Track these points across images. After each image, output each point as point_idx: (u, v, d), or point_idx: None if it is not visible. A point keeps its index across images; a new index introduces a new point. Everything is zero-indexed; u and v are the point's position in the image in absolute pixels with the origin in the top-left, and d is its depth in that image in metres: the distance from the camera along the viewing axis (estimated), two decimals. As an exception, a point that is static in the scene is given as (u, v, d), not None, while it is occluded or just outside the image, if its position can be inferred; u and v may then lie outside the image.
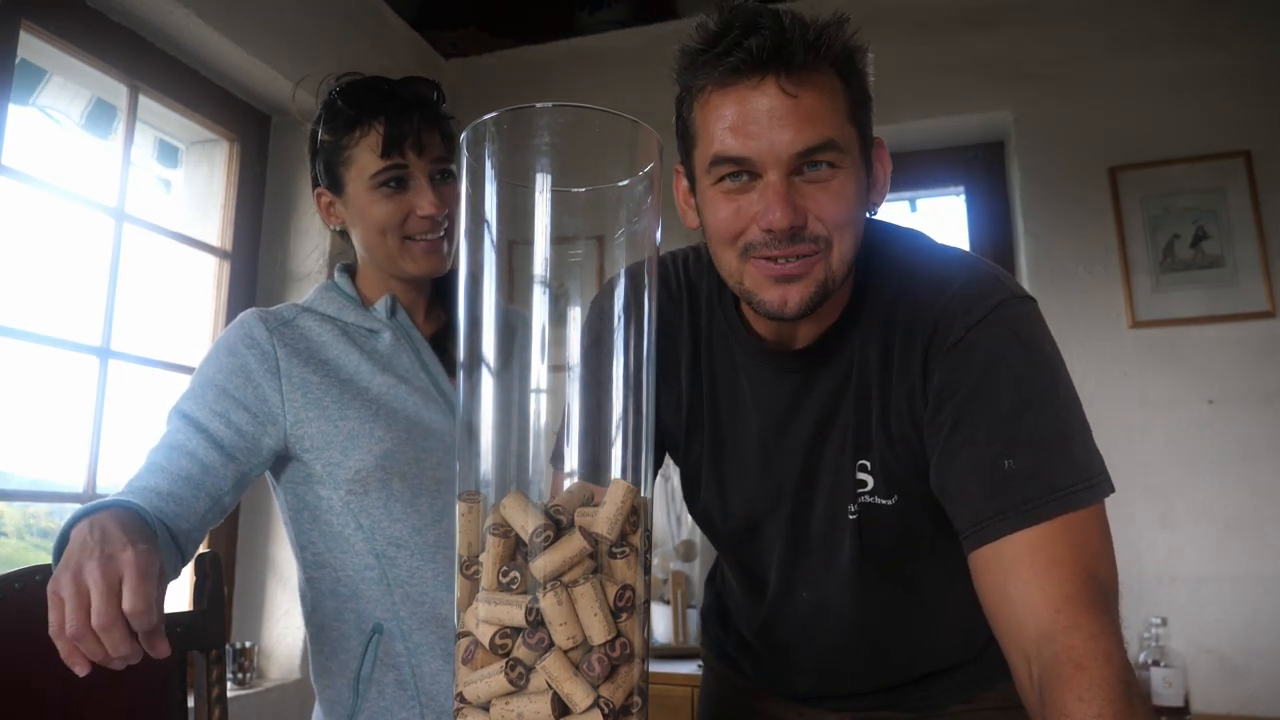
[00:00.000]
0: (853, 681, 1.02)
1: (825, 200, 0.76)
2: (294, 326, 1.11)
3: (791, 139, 0.74)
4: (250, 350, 1.06)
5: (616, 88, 2.84)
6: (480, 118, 0.55)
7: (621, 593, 0.52)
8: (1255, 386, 2.21)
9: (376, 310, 1.15)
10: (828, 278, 0.79)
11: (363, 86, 1.12)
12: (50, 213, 1.91)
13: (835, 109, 0.76)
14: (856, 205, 0.78)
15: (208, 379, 1.06)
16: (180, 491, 0.96)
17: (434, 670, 1.05)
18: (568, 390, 0.56)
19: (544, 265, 0.53)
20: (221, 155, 2.34)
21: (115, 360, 1.95)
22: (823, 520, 0.90)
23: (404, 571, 1.06)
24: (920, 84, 2.53)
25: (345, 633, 1.08)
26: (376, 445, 1.05)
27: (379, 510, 1.06)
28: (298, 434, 1.06)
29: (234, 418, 1.03)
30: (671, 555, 2.55)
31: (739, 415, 0.93)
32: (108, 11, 1.94)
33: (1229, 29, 2.35)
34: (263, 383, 1.05)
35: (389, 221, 1.09)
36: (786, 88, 0.74)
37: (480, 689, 0.51)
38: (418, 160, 1.09)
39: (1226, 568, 2.16)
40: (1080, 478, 0.75)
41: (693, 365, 0.95)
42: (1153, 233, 2.34)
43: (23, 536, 2.03)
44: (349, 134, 1.09)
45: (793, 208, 0.75)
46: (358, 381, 1.09)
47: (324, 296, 1.16)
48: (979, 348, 0.79)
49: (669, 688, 2.16)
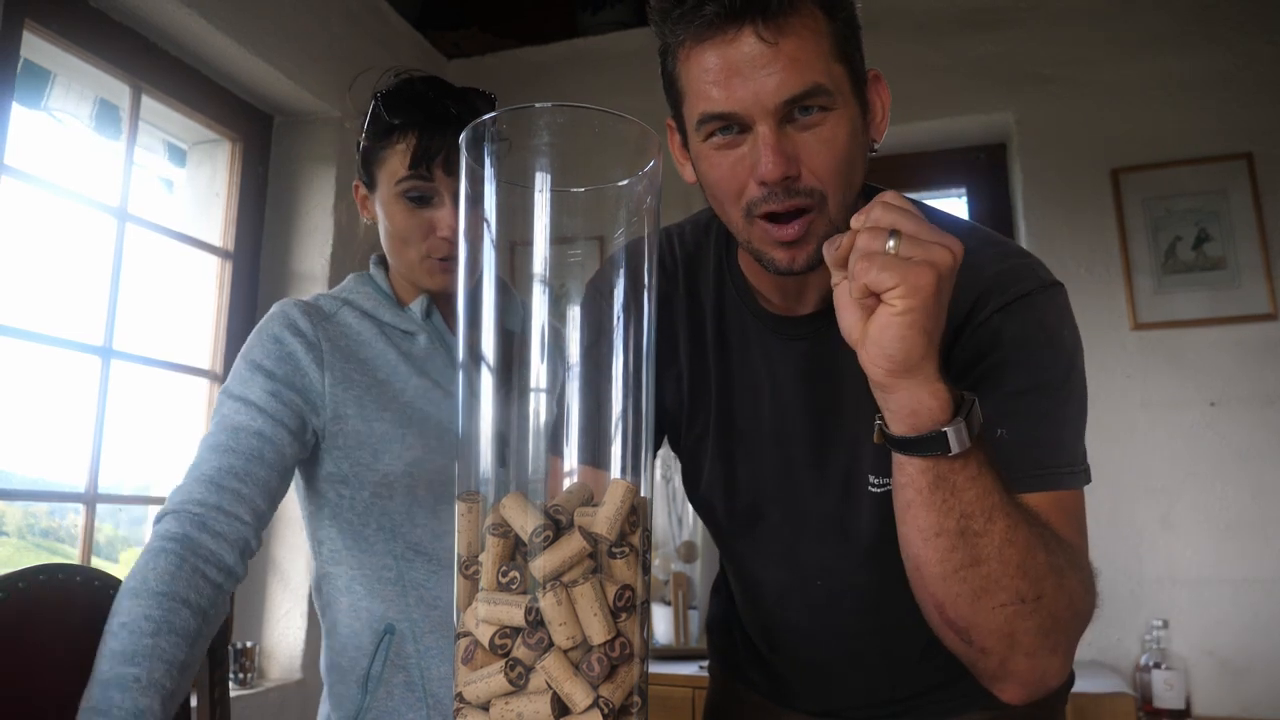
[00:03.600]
0: (866, 687, 0.97)
1: (818, 147, 0.74)
2: (335, 321, 1.10)
3: (776, 88, 0.71)
4: (297, 339, 1.05)
5: (619, 88, 2.84)
6: (480, 118, 0.55)
7: (621, 593, 0.52)
8: (1257, 389, 2.21)
9: (412, 311, 1.14)
10: (829, 231, 0.76)
11: (406, 95, 1.09)
12: (53, 213, 1.92)
13: (819, 49, 0.73)
14: (851, 147, 0.76)
15: (254, 365, 1.04)
16: (253, 470, 0.97)
17: (443, 674, 1.05)
18: (567, 379, 0.56)
19: (544, 265, 0.53)
20: (224, 155, 2.34)
21: (117, 360, 1.95)
22: (837, 498, 0.88)
23: (421, 575, 1.06)
24: (922, 85, 2.53)
25: (357, 630, 1.07)
26: (407, 451, 1.05)
27: (401, 515, 1.06)
28: (334, 430, 1.05)
29: (285, 397, 1.02)
30: (673, 556, 2.55)
31: (749, 387, 0.91)
32: (110, 11, 1.94)
33: (1231, 31, 2.35)
34: (309, 370, 1.04)
35: (410, 234, 1.08)
36: (765, 35, 0.71)
37: (480, 689, 0.51)
38: (445, 179, 1.07)
39: (1228, 570, 2.16)
40: (1066, 461, 0.76)
41: (694, 339, 0.93)
42: (1154, 234, 2.34)
43: (24, 536, 2.04)
44: (386, 138, 1.08)
45: (785, 158, 0.73)
46: (393, 383, 1.08)
47: (360, 290, 1.15)
48: (1004, 331, 0.79)
49: (670, 688, 2.15)
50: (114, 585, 0.96)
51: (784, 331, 0.88)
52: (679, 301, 0.94)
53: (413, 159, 1.05)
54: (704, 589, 2.58)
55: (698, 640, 2.46)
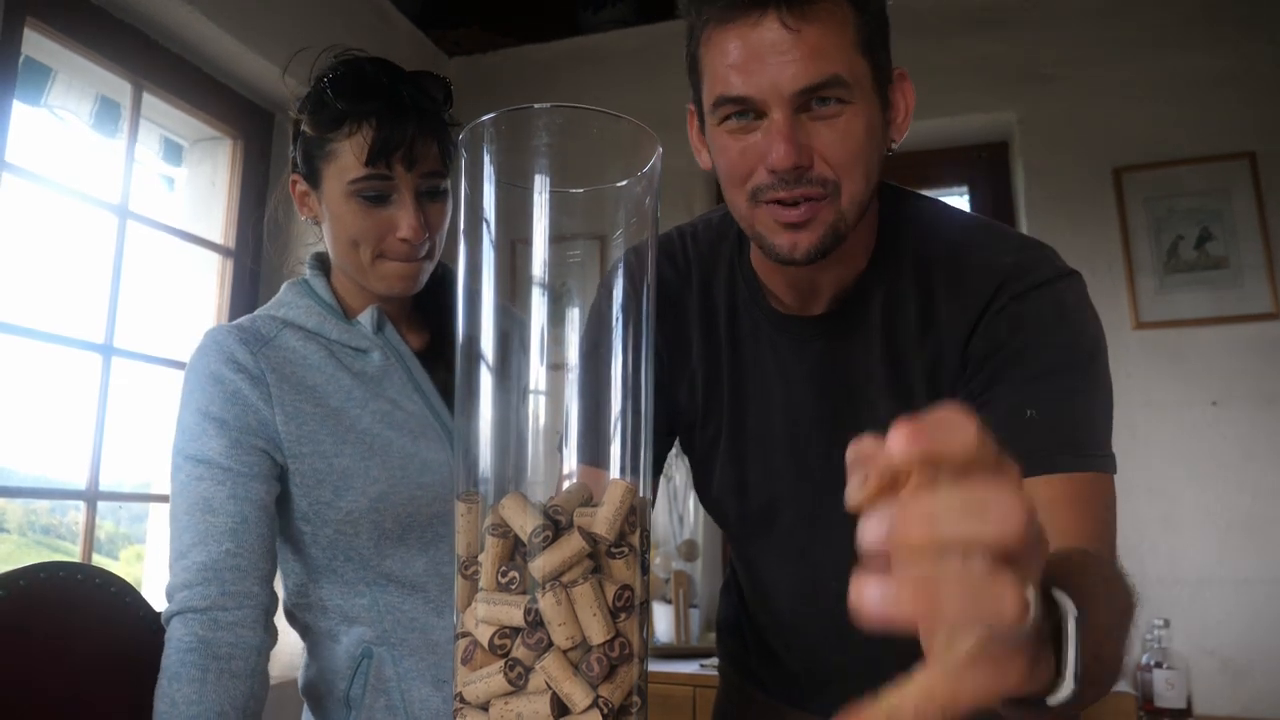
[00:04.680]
0: (879, 686, 0.97)
1: (832, 139, 0.73)
2: (276, 346, 1.00)
3: (794, 75, 0.71)
4: (238, 375, 0.96)
5: (620, 87, 2.85)
6: (480, 117, 0.55)
7: (620, 593, 0.52)
8: (1259, 388, 2.21)
9: (361, 324, 1.03)
10: (838, 220, 0.75)
11: (357, 78, 0.97)
12: (54, 210, 1.92)
13: (843, 41, 0.72)
14: (867, 143, 0.75)
15: (202, 414, 0.95)
16: (244, 539, 0.92)
17: (424, 695, 0.99)
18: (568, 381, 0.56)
19: (543, 267, 0.53)
20: (225, 153, 2.35)
21: (118, 357, 1.95)
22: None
23: (395, 598, 1.00)
24: (924, 84, 2.50)
25: (335, 653, 1.02)
26: (371, 487, 0.96)
27: (369, 549, 0.99)
28: (292, 468, 0.97)
29: (246, 444, 0.95)
30: (673, 555, 2.55)
31: (763, 387, 0.90)
32: (111, 9, 1.94)
33: (1234, 30, 2.35)
34: (260, 407, 0.96)
35: (363, 236, 0.98)
36: (788, 21, 0.70)
37: (479, 689, 0.51)
38: (406, 175, 0.97)
39: (1229, 569, 2.16)
40: (1095, 444, 0.75)
41: (707, 340, 0.92)
42: (1157, 234, 2.34)
43: (25, 534, 2.04)
44: (335, 129, 0.97)
45: (797, 147, 0.72)
46: (349, 410, 0.99)
47: (299, 304, 1.04)
48: (1025, 316, 0.78)
49: (671, 687, 2.16)
50: (115, 583, 0.96)
51: (796, 332, 0.88)
52: (692, 301, 0.93)
53: (370, 154, 0.94)
54: (705, 587, 2.59)
55: (698, 639, 2.46)
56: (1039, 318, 0.78)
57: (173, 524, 0.95)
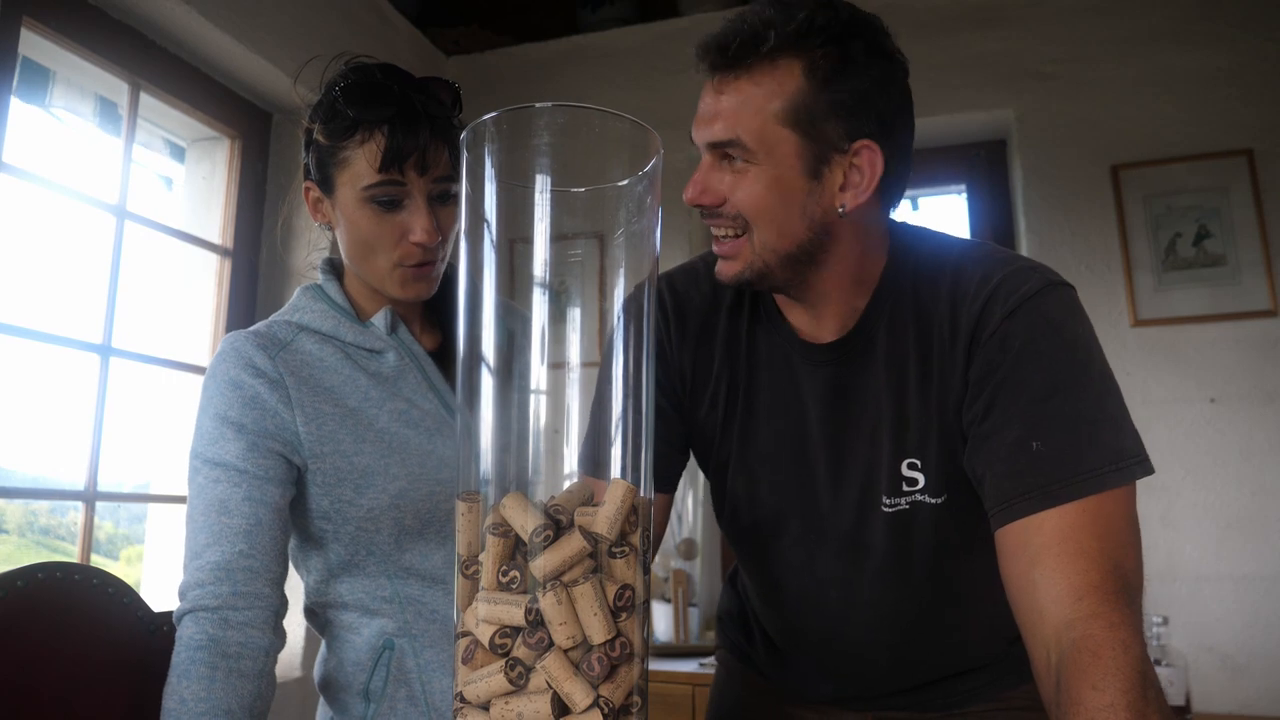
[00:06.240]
0: (879, 682, 1.01)
1: (737, 188, 0.84)
2: (294, 350, 1.02)
3: (704, 132, 0.85)
4: (258, 379, 0.98)
5: (619, 85, 2.84)
6: (481, 117, 0.55)
7: (621, 592, 0.52)
8: (1257, 385, 2.21)
9: (375, 326, 1.06)
10: (755, 260, 0.85)
11: (368, 87, 0.99)
12: (52, 210, 1.92)
13: (761, 111, 0.81)
14: (773, 200, 0.83)
15: (220, 418, 0.97)
16: (257, 540, 0.94)
17: (444, 687, 1.01)
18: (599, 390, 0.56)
19: (543, 266, 0.53)
20: (223, 153, 2.34)
21: (116, 358, 1.95)
22: (853, 517, 0.91)
23: (416, 590, 1.02)
24: (922, 82, 2.50)
25: (356, 645, 1.03)
26: (391, 484, 0.99)
27: (390, 544, 1.01)
28: (313, 468, 0.99)
29: (263, 448, 0.97)
30: (673, 553, 2.55)
31: (778, 409, 0.94)
32: (109, 9, 1.94)
33: (1232, 27, 2.35)
34: (279, 411, 0.98)
35: (378, 241, 1.01)
36: (718, 86, 0.84)
37: (480, 689, 0.51)
38: (418, 179, 0.99)
39: (1228, 567, 2.16)
40: (1107, 460, 0.75)
41: (729, 358, 0.97)
42: (1155, 231, 2.34)
43: (24, 534, 2.04)
44: (348, 137, 0.99)
45: (702, 187, 0.85)
46: (366, 411, 1.01)
47: (313, 308, 1.06)
48: (1013, 337, 0.80)
49: (670, 686, 2.16)
50: (113, 584, 0.96)
51: (810, 357, 0.92)
52: (720, 322, 0.98)
53: (384, 161, 0.97)
54: (704, 586, 2.59)
55: (698, 638, 2.46)
56: (1029, 332, 0.80)
57: (189, 525, 0.96)
